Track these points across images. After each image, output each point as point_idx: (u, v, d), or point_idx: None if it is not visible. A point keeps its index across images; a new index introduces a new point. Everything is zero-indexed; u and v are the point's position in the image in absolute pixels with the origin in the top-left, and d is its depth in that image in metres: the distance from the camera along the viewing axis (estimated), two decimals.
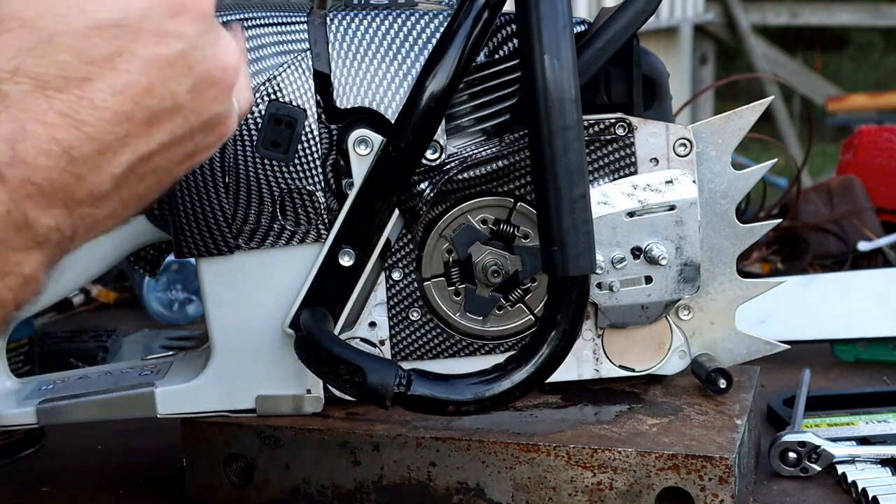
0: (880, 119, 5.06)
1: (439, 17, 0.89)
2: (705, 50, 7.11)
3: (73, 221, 0.55)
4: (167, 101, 0.56)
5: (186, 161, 0.60)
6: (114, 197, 0.56)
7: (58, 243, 0.55)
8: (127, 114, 0.54)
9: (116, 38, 0.53)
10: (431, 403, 0.80)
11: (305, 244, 0.89)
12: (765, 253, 1.57)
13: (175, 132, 0.57)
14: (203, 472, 0.92)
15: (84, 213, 0.55)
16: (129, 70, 0.54)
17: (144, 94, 0.54)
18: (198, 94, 0.57)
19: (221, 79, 0.58)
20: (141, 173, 0.57)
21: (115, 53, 0.53)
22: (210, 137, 0.60)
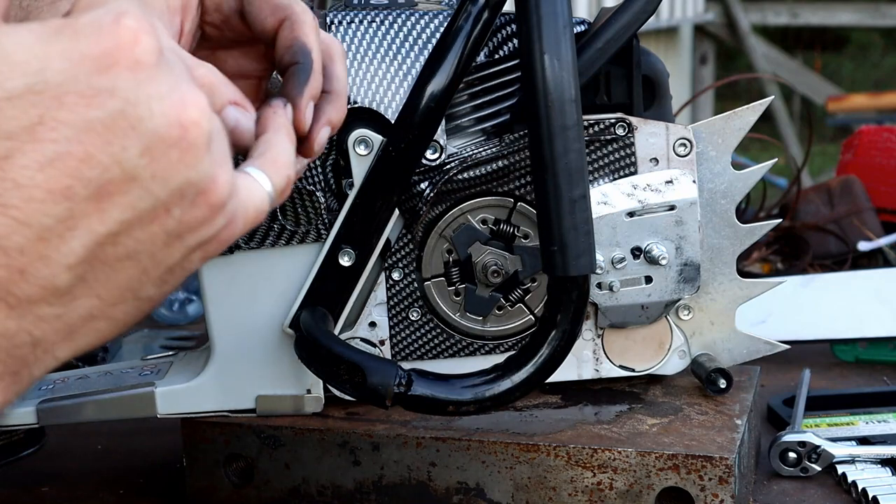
0: (880, 119, 5.05)
1: (439, 17, 0.89)
2: (705, 50, 7.11)
3: (30, 325, 0.47)
4: (114, 171, 0.47)
5: (176, 243, 0.50)
6: (83, 292, 0.48)
7: (12, 353, 0.47)
8: (63, 191, 0.46)
9: (35, 105, 0.45)
10: (431, 403, 0.80)
11: (305, 244, 0.89)
12: (765, 253, 1.57)
13: (138, 206, 0.48)
14: (203, 472, 0.92)
15: (44, 313, 0.47)
16: (56, 139, 0.45)
17: (81, 165, 0.46)
18: (154, 159, 0.47)
19: (181, 137, 0.48)
20: (110, 260, 0.48)
21: (36, 123, 0.45)
22: (196, 211, 0.50)
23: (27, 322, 0.47)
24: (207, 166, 0.50)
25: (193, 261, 0.52)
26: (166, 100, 0.48)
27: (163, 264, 0.51)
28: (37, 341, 0.48)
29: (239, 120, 0.58)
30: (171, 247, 0.50)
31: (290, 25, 0.67)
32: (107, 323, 0.50)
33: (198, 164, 0.49)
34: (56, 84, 0.46)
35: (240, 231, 0.55)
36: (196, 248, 0.52)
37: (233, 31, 0.71)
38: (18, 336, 0.47)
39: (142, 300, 0.51)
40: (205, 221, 0.51)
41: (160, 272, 0.51)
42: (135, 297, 0.50)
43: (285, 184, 0.58)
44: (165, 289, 0.52)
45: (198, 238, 0.51)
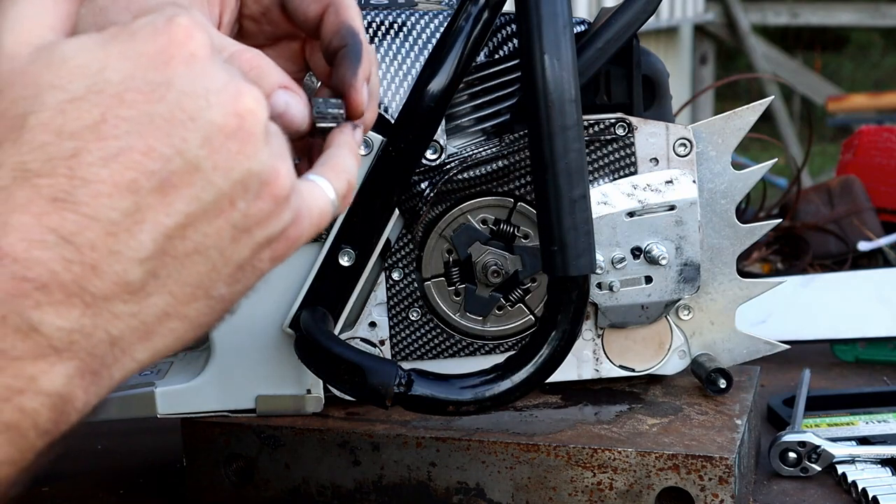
0: (880, 119, 5.05)
1: (439, 17, 0.89)
2: (705, 50, 7.11)
3: (107, 323, 0.48)
4: (176, 162, 0.48)
5: (243, 238, 0.51)
6: (156, 289, 0.49)
7: (92, 351, 0.48)
8: (129, 185, 0.47)
9: (96, 104, 0.47)
10: (431, 403, 0.80)
11: (305, 244, 0.89)
12: (765, 253, 1.57)
13: (202, 197, 0.49)
14: (203, 472, 0.92)
15: (119, 311, 0.48)
16: (118, 135, 0.47)
17: (143, 159, 0.47)
18: (214, 149, 0.49)
19: (239, 127, 0.49)
20: (180, 255, 0.49)
21: (99, 121, 0.47)
22: (260, 203, 0.51)
23: (103, 320, 0.48)
24: (267, 157, 0.51)
25: (263, 260, 0.53)
26: (222, 91, 0.49)
27: (232, 261, 0.51)
28: (114, 340, 0.48)
29: (289, 103, 0.59)
30: (239, 242, 0.51)
31: (335, 10, 0.67)
32: (181, 323, 0.51)
33: (258, 154, 0.50)
34: (116, 83, 0.48)
35: (306, 232, 0.55)
36: (265, 245, 0.53)
37: (271, 23, 0.71)
38: (96, 334, 0.48)
39: (214, 299, 0.51)
40: (270, 215, 0.52)
41: (230, 269, 0.52)
42: (207, 295, 0.51)
43: (346, 189, 0.59)
44: (237, 289, 0.52)
45: (265, 233, 0.52)
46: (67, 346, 0.47)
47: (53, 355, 0.46)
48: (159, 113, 0.48)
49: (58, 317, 0.46)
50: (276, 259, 0.54)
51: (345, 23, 0.67)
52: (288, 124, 0.59)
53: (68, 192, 0.46)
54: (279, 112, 0.58)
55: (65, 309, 0.46)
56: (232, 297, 0.53)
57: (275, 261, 0.54)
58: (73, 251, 0.46)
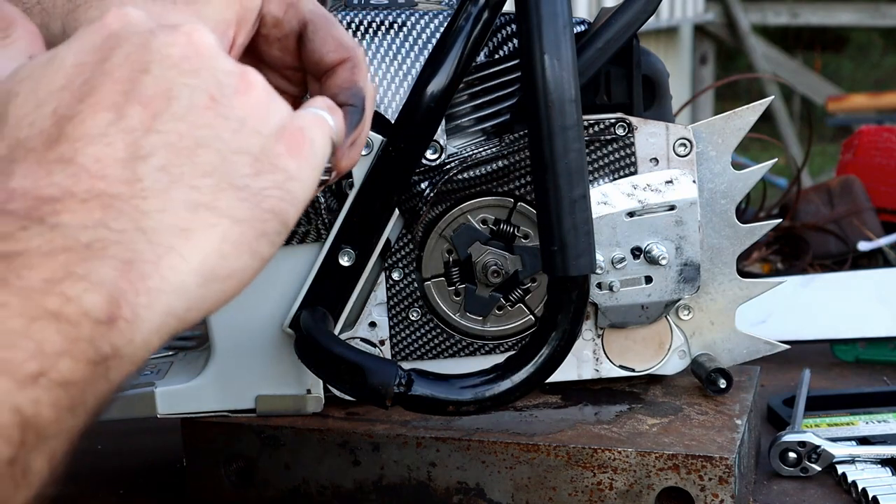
0: (880, 119, 5.05)
1: (439, 17, 0.89)
2: (705, 50, 7.11)
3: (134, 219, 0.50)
4: (145, 80, 0.53)
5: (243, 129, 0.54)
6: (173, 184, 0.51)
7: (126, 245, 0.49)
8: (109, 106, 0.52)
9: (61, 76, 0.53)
10: (431, 403, 0.80)
11: (305, 244, 0.89)
12: (765, 253, 1.57)
13: (179, 97, 0.53)
14: (203, 472, 0.92)
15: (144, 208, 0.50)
16: (87, 81, 0.53)
17: (114, 86, 0.53)
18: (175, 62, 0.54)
19: (188, 41, 0.54)
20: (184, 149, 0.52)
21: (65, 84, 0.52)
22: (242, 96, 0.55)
23: (129, 218, 0.49)
24: (230, 60, 0.55)
25: (280, 153, 0.55)
26: (161, 27, 0.54)
27: (243, 149, 0.53)
28: (150, 236, 0.50)
29: None
30: (240, 132, 0.54)
31: (352, 68, 0.70)
32: (216, 215, 0.52)
33: (217, 56, 0.54)
34: (70, 58, 0.53)
35: (314, 132, 0.57)
36: (271, 137, 0.55)
37: (284, 51, 0.72)
38: (126, 230, 0.49)
39: (241, 190, 0.53)
40: (258, 105, 0.55)
41: (246, 158, 0.53)
42: (232, 185, 0.53)
43: (329, 106, 0.60)
44: (263, 183, 0.54)
45: (265, 124, 0.55)
46: (96, 240, 0.48)
47: (84, 249, 0.48)
48: (115, 55, 0.53)
49: (78, 218, 0.48)
50: (295, 153, 0.55)
51: (357, 84, 0.69)
52: None
53: (57, 133, 0.50)
54: None
55: (84, 212, 0.48)
56: (262, 192, 0.54)
57: (295, 155, 0.55)
58: (76, 168, 0.49)
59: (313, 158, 0.57)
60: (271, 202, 0.54)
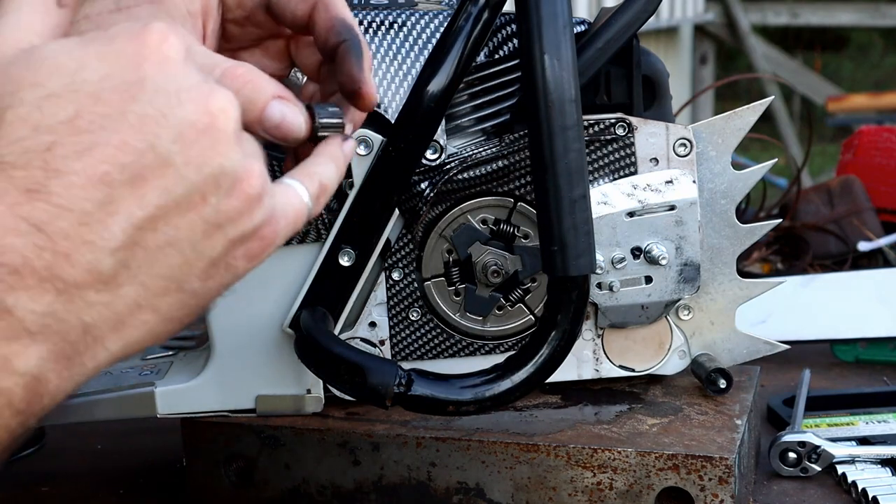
0: (880, 119, 5.06)
1: (439, 17, 0.89)
2: (705, 50, 7.11)
3: (79, 310, 0.49)
4: (148, 157, 0.50)
5: (216, 234, 0.53)
6: (128, 279, 0.50)
7: (65, 336, 0.49)
8: (101, 177, 0.49)
9: (72, 101, 0.49)
10: (431, 403, 0.80)
11: (305, 244, 0.89)
12: (765, 253, 1.57)
13: (173, 191, 0.51)
14: (203, 472, 0.92)
15: (92, 300, 0.50)
16: (92, 130, 0.49)
17: (116, 153, 0.49)
18: (186, 145, 0.51)
19: (210, 125, 0.52)
20: (152, 247, 0.51)
21: (74, 117, 0.49)
22: (232, 201, 0.53)
23: (76, 307, 0.49)
24: (239, 156, 0.53)
25: (238, 258, 0.55)
26: (194, 90, 0.51)
27: (205, 255, 0.53)
28: (87, 328, 0.50)
29: (285, 113, 0.60)
30: (212, 237, 0.53)
31: (324, 7, 0.68)
32: (153, 315, 0.52)
33: (229, 152, 0.52)
34: (92, 82, 0.50)
35: (281, 233, 0.57)
36: (238, 242, 0.54)
37: (256, 25, 0.71)
38: (69, 320, 0.49)
39: (186, 293, 0.53)
40: (243, 212, 0.53)
41: (203, 264, 0.53)
42: (179, 288, 0.52)
43: (319, 191, 0.61)
44: (210, 285, 0.54)
45: (238, 231, 0.54)
46: (41, 329, 0.48)
47: (27, 337, 0.48)
48: (132, 110, 0.50)
49: (31, 300, 0.48)
50: (252, 258, 0.55)
51: (336, 17, 0.68)
52: (286, 134, 0.60)
53: (42, 183, 0.48)
54: (276, 122, 0.59)
55: (38, 294, 0.48)
56: (205, 293, 0.54)
57: (250, 260, 0.55)
58: (45, 239, 0.48)
59: (266, 257, 0.57)
60: (208, 300, 0.54)
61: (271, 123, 0.59)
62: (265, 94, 0.59)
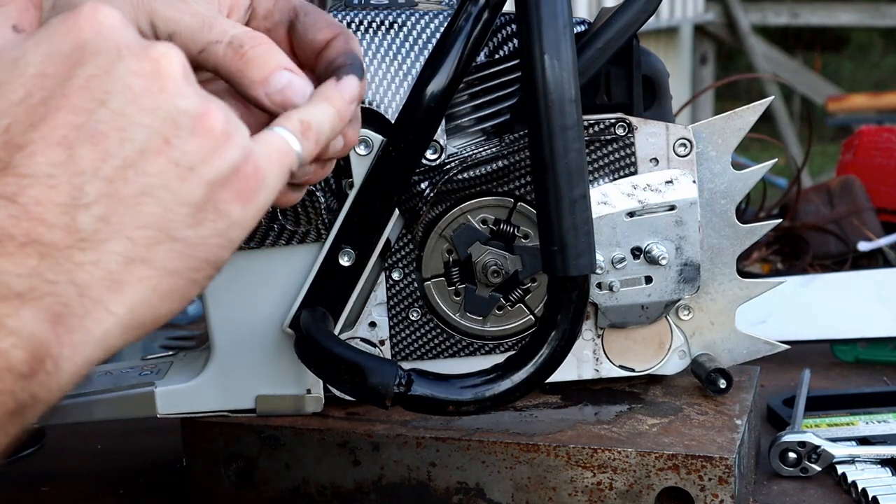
0: (880, 119, 5.06)
1: (439, 17, 0.89)
2: (705, 50, 7.11)
3: (68, 271, 0.50)
4: (101, 113, 0.51)
5: (191, 176, 0.52)
6: (111, 234, 0.51)
7: (57, 298, 0.49)
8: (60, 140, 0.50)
9: (21, 85, 0.51)
10: (431, 403, 0.80)
11: (305, 244, 0.89)
12: (765, 253, 1.57)
13: (133, 139, 0.51)
14: (203, 472, 0.92)
15: (79, 259, 0.50)
16: (44, 101, 0.51)
17: (69, 115, 0.51)
18: (135, 94, 0.52)
19: (154, 70, 0.52)
20: (127, 198, 0.51)
21: (25, 96, 0.51)
22: (197, 140, 0.53)
23: (63, 269, 0.49)
24: (193, 95, 0.53)
25: (225, 200, 0.54)
26: (133, 44, 0.52)
27: (186, 200, 0.52)
28: (80, 289, 0.50)
29: (291, 80, 0.61)
30: (187, 180, 0.52)
31: (345, 39, 0.70)
32: (149, 269, 0.52)
33: (180, 93, 0.52)
34: (35, 63, 0.51)
35: (268, 172, 0.56)
36: (219, 184, 0.53)
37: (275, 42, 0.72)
38: (58, 281, 0.49)
39: (179, 242, 0.52)
40: (213, 150, 0.53)
41: (187, 210, 0.52)
42: (169, 237, 0.52)
43: (301, 127, 0.60)
44: (204, 232, 0.53)
45: (213, 171, 0.53)
46: (28, 290, 0.49)
47: (16, 299, 0.48)
48: (77, 74, 0.51)
49: (13, 265, 0.48)
50: (244, 200, 0.55)
51: (352, 50, 0.69)
52: (288, 100, 0.61)
53: (6, 161, 0.49)
54: (280, 87, 0.60)
55: (19, 258, 0.49)
56: (201, 241, 0.53)
57: (243, 202, 0.55)
58: (18, 209, 0.49)
59: (263, 200, 0.56)
60: (208, 250, 0.54)
61: (275, 87, 0.60)
62: (276, 60, 0.60)
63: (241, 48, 0.61)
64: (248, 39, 0.61)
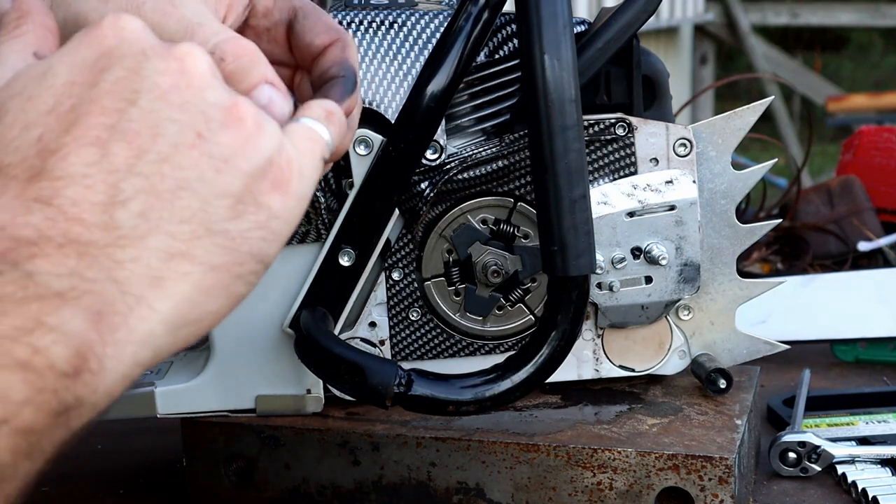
0: (880, 119, 5.06)
1: (439, 17, 0.89)
2: (705, 50, 7.11)
3: (108, 269, 0.49)
4: (132, 112, 0.52)
5: (226, 168, 0.52)
6: (150, 230, 0.51)
7: (98, 296, 0.48)
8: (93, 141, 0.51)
9: (50, 95, 0.52)
10: (431, 403, 0.80)
11: (305, 244, 0.89)
12: (765, 253, 1.57)
13: (165, 135, 0.52)
14: (203, 472, 0.92)
15: (119, 257, 0.50)
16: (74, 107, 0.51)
17: (100, 117, 0.51)
18: (164, 91, 0.52)
19: (181, 68, 0.53)
20: (164, 194, 0.51)
21: (55, 104, 0.51)
22: (229, 131, 0.53)
23: (103, 267, 0.49)
24: (221, 89, 0.54)
25: (264, 191, 0.54)
26: (157, 46, 0.53)
27: (224, 193, 0.52)
28: (122, 287, 0.49)
29: (273, 98, 0.60)
30: (223, 173, 0.52)
31: (342, 46, 0.70)
32: (191, 264, 0.51)
33: (208, 87, 0.53)
34: (62, 74, 0.52)
35: (303, 161, 0.56)
36: (257, 175, 0.53)
37: (272, 42, 0.72)
38: (98, 279, 0.49)
39: (219, 235, 0.52)
40: (245, 141, 0.53)
41: (227, 202, 0.52)
42: (209, 231, 0.52)
43: (325, 114, 0.60)
44: (244, 225, 0.53)
45: (249, 162, 0.53)
46: (68, 290, 0.48)
47: (56, 299, 0.47)
48: (105, 78, 0.52)
49: (52, 265, 0.48)
50: (282, 191, 0.54)
51: (347, 59, 0.69)
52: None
53: (39, 166, 0.49)
54: (262, 104, 0.59)
55: (58, 258, 0.48)
56: (242, 234, 0.53)
57: (281, 193, 0.54)
58: (55, 211, 0.49)
59: (301, 190, 0.56)
60: (251, 244, 0.53)
61: (258, 105, 0.59)
62: (259, 73, 0.60)
63: (222, 60, 0.61)
64: (230, 50, 0.60)
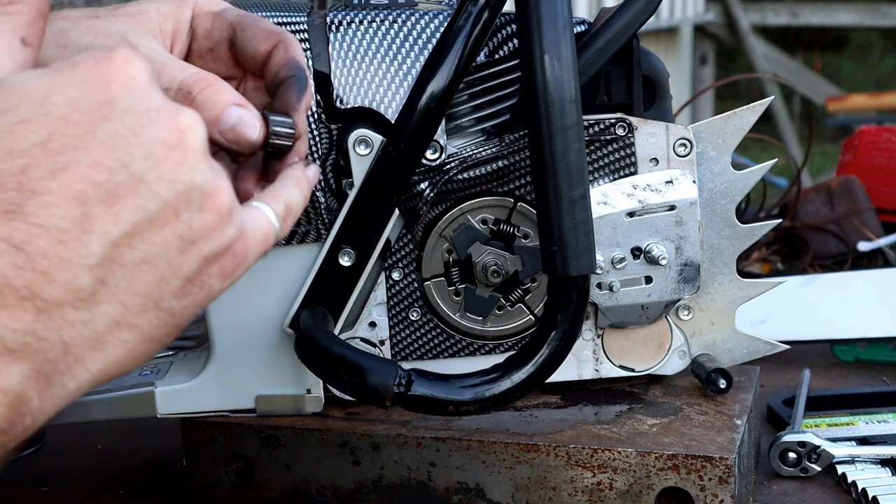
0: (880, 119, 5.06)
1: (439, 17, 0.89)
2: (705, 50, 7.11)
3: (59, 328, 0.50)
4: (121, 175, 0.51)
5: (190, 250, 0.53)
6: (106, 297, 0.51)
7: (45, 355, 0.49)
8: (77, 195, 0.50)
9: (44, 125, 0.50)
10: (431, 403, 0.80)
11: (305, 244, 0.89)
12: (765, 253, 1.57)
13: (148, 207, 0.51)
14: (203, 472, 0.92)
15: (71, 318, 0.50)
16: (64, 151, 0.50)
17: (90, 172, 0.50)
18: (158, 161, 0.52)
19: (180, 141, 0.52)
20: (128, 264, 0.51)
21: (46, 140, 0.50)
22: (205, 216, 0.54)
23: (56, 325, 0.50)
24: (208, 171, 0.54)
25: (211, 276, 0.55)
26: (162, 109, 0.53)
27: (180, 272, 0.53)
28: (67, 347, 0.50)
29: (241, 116, 0.63)
30: (186, 253, 0.53)
31: (284, 47, 0.73)
32: (132, 334, 0.52)
33: (199, 167, 0.53)
34: (61, 105, 0.50)
35: (252, 251, 0.58)
36: (212, 259, 0.55)
37: (216, 61, 0.75)
38: (49, 339, 0.49)
39: (164, 311, 0.53)
40: (215, 228, 0.54)
41: (179, 282, 0.54)
42: (156, 306, 0.53)
43: (285, 212, 0.63)
44: (186, 303, 0.54)
45: (211, 247, 0.54)
46: (21, 347, 0.49)
47: (8, 355, 0.48)
48: (104, 129, 0.51)
49: (11, 319, 0.48)
50: (225, 276, 0.56)
51: (293, 58, 0.72)
52: (241, 136, 0.64)
53: (18, 204, 0.49)
54: (232, 124, 0.63)
55: (17, 312, 0.48)
56: (182, 311, 0.54)
57: (224, 278, 0.56)
58: (24, 258, 0.48)
59: (238, 276, 0.57)
60: (185, 319, 0.55)
61: (227, 125, 0.63)
62: (225, 98, 0.62)
63: (189, 93, 0.63)
64: (194, 83, 0.63)
